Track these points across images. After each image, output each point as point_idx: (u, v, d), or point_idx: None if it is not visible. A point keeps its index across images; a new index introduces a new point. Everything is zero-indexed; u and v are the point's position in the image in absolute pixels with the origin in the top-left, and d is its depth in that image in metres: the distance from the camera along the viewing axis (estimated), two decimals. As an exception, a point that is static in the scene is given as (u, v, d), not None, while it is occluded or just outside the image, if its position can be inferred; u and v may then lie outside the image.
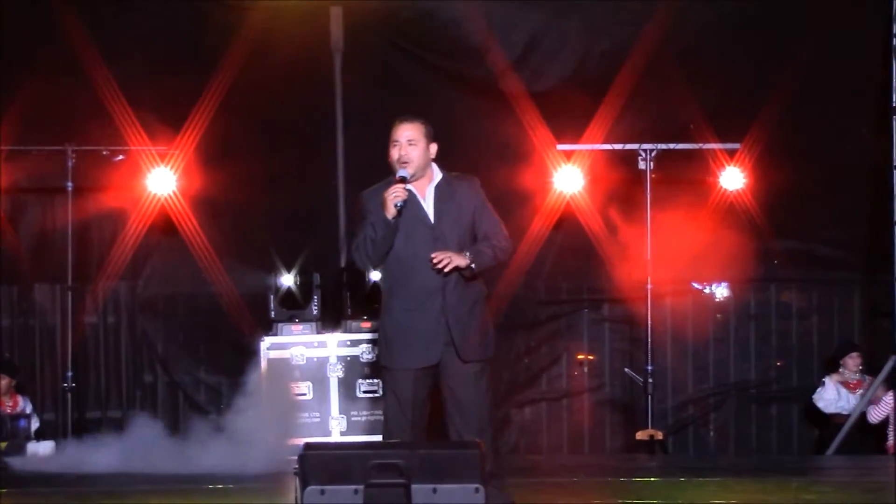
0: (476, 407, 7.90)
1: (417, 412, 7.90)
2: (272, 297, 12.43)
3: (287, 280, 12.49)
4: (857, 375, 13.00)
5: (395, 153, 7.92)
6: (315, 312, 12.41)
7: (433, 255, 7.74)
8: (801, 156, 13.02)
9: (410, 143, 7.91)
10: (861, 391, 12.86)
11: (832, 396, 12.90)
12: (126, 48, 12.84)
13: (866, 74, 13.10)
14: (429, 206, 7.94)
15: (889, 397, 12.63)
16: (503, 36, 12.95)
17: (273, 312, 12.38)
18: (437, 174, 8.02)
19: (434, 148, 8.00)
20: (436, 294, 7.84)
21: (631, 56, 12.71)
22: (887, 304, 12.53)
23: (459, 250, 7.84)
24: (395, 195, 7.75)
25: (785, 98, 12.70)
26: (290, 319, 12.33)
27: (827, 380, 12.98)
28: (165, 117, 12.69)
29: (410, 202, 7.88)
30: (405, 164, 7.87)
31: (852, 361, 13.00)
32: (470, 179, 8.09)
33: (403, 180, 7.82)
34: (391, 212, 7.75)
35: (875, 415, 12.72)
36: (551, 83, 13.02)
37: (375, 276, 12.40)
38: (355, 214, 7.99)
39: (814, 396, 12.99)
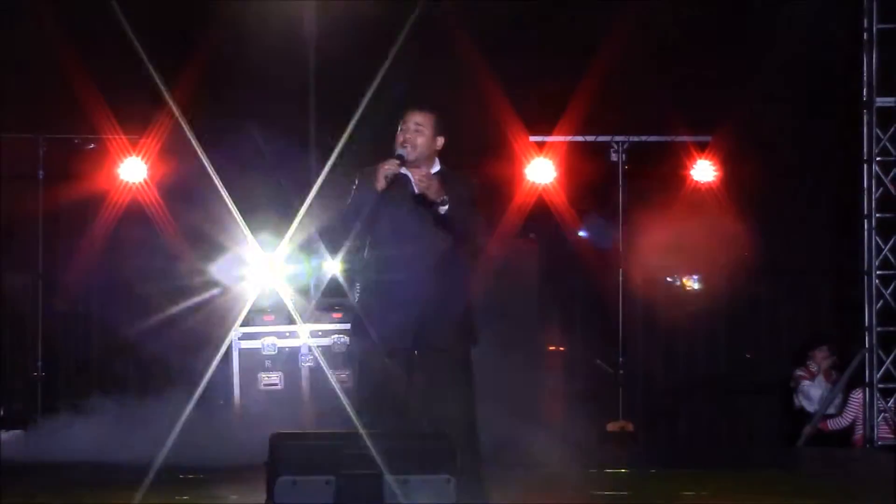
0: (452, 395, 7.88)
1: (388, 397, 7.87)
2: (249, 287, 12.42)
3: (274, 270, 12.48)
4: (826, 368, 13.04)
5: (400, 136, 7.89)
6: (292, 303, 12.42)
7: (421, 175, 7.71)
8: (771, 148, 13.08)
9: (417, 129, 7.87)
10: (828, 384, 12.90)
11: (816, 394, 12.92)
12: (98, 36, 12.78)
13: (837, 68, 13.15)
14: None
15: (857, 395, 12.67)
16: (476, 27, 12.93)
17: (250, 302, 12.37)
18: (437, 167, 7.99)
19: (441, 141, 7.94)
20: (415, 280, 7.83)
21: (603, 48, 12.72)
22: (857, 297, 12.57)
23: (443, 243, 7.83)
24: (387, 167, 7.74)
25: (755, 92, 12.74)
26: (266, 309, 12.33)
27: (815, 381, 12.98)
28: (137, 106, 12.65)
29: (404, 188, 7.85)
30: (407, 148, 7.85)
31: (821, 354, 13.05)
32: (468, 177, 8.07)
33: (400, 158, 7.81)
34: (381, 183, 7.72)
35: (833, 424, 12.78)
36: (524, 75, 13.02)
37: (334, 268, 12.49)
38: (352, 190, 7.96)
39: (803, 391, 12.98)
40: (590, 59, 12.79)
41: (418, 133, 7.87)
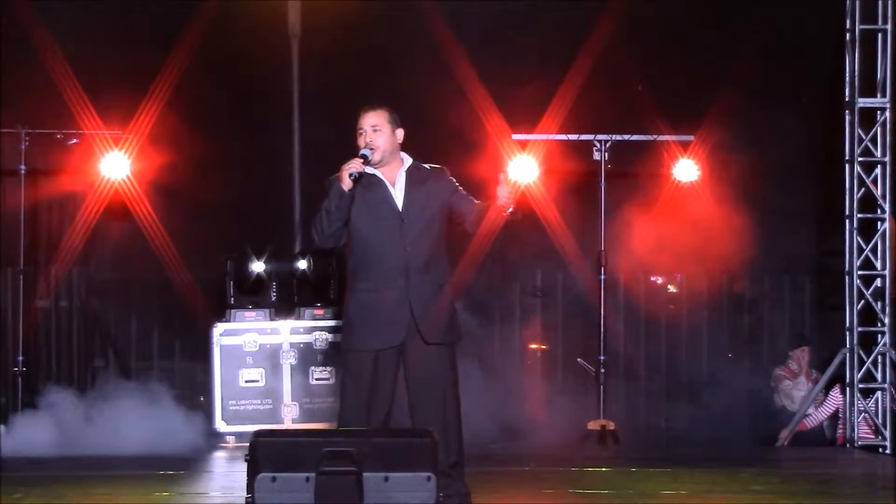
0: (439, 391, 7.93)
1: (376, 396, 7.89)
2: (231, 282, 12.39)
3: (258, 266, 12.46)
4: (806, 369, 13.08)
5: (361, 141, 8.02)
6: (273, 299, 12.41)
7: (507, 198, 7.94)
8: (753, 148, 13.11)
9: (375, 130, 7.99)
10: (809, 384, 12.93)
11: (798, 395, 12.95)
12: (80, 31, 12.76)
13: (820, 67, 13.19)
14: (398, 190, 8.01)
15: (836, 393, 12.71)
16: (459, 25, 12.93)
17: (232, 298, 12.35)
18: (407, 160, 8.11)
19: (400, 133, 8.08)
20: (399, 276, 7.90)
21: (586, 46, 12.74)
22: (838, 297, 12.61)
23: (427, 235, 7.96)
24: (350, 166, 7.86)
25: (737, 91, 12.77)
26: (249, 305, 12.31)
27: (797, 380, 13.00)
28: (120, 101, 12.63)
29: (378, 187, 7.96)
30: (371, 150, 7.95)
31: (802, 355, 13.08)
32: (440, 168, 8.18)
33: (364, 157, 7.91)
34: (346, 182, 7.84)
35: (810, 421, 12.82)
36: (506, 73, 13.03)
37: (301, 265, 12.50)
38: (323, 197, 8.04)
39: (784, 391, 13.01)
40: (573, 57, 12.80)
41: (377, 133, 8.00)
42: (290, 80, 13.27)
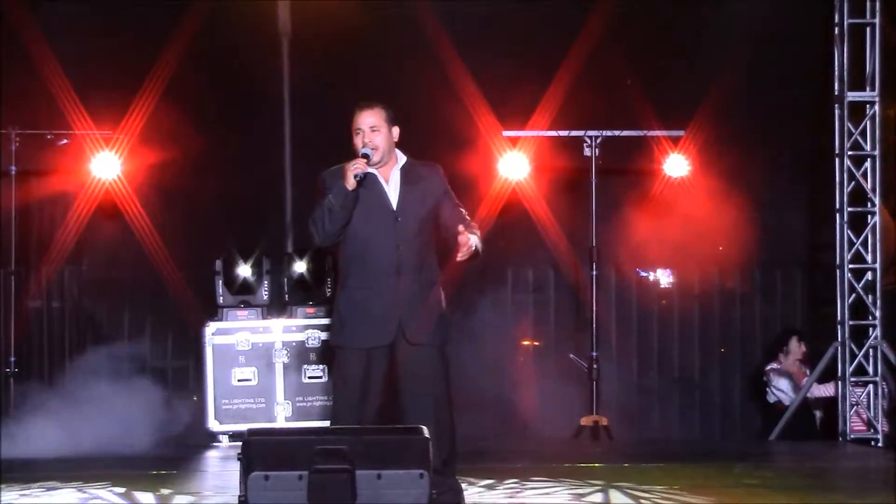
0: (430, 390, 7.92)
1: (367, 395, 7.90)
2: (220, 282, 12.39)
3: (244, 271, 12.44)
4: (803, 362, 13.11)
5: (358, 142, 7.93)
6: (265, 298, 12.40)
7: (466, 242, 7.82)
8: (744, 142, 13.13)
9: (373, 130, 7.93)
10: (803, 379, 12.96)
11: (786, 387, 12.97)
12: (71, 31, 12.76)
13: (809, 63, 13.20)
14: (392, 189, 7.98)
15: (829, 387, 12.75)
16: (449, 23, 12.94)
17: (221, 298, 12.34)
18: (401, 158, 8.07)
19: (397, 131, 8.02)
20: (391, 275, 7.89)
21: (576, 43, 12.75)
22: (830, 291, 12.63)
23: (420, 234, 7.93)
24: (355, 166, 7.80)
25: (728, 86, 12.78)
26: (239, 305, 12.31)
27: (784, 377, 13.02)
28: (110, 101, 12.62)
29: (373, 185, 7.93)
30: (373, 150, 7.91)
31: (796, 349, 13.10)
32: (434, 167, 8.15)
33: (366, 157, 7.86)
34: (350, 182, 7.79)
35: (817, 392, 12.85)
36: (497, 69, 13.03)
37: (300, 267, 12.49)
38: (316, 194, 8.01)
39: (774, 388, 13.03)
40: (563, 53, 12.81)
41: (375, 132, 7.94)
42: (281, 78, 13.26)
